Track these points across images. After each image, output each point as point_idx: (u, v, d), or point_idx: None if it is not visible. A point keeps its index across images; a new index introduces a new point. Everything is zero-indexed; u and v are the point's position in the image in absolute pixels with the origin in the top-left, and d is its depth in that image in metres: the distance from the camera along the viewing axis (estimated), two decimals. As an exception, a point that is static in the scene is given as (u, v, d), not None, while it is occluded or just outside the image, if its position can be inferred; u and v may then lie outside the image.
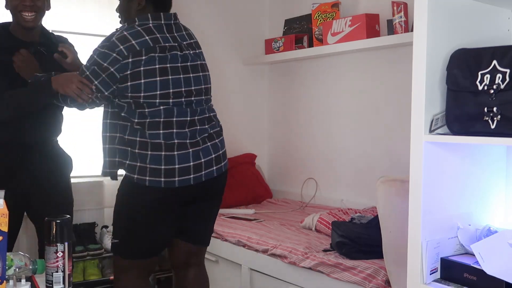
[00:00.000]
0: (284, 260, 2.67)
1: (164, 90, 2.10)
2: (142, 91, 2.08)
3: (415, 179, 1.47)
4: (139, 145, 2.10)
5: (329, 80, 3.72)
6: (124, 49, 2.06)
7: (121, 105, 2.13)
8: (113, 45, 2.07)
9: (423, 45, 1.44)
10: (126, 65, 2.06)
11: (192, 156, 2.13)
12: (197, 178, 2.14)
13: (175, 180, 2.09)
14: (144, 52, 2.07)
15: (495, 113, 1.35)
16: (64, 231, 1.52)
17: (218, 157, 2.23)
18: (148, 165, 2.08)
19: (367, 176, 3.37)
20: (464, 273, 1.44)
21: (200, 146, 2.17)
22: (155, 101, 2.09)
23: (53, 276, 1.52)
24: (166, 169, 2.08)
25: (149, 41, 2.09)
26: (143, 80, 2.07)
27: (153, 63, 2.08)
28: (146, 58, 2.07)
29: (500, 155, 1.66)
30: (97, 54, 2.10)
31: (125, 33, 2.09)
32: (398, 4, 3.02)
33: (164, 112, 2.10)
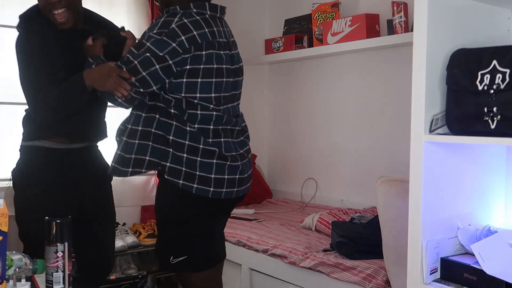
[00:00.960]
0: (284, 260, 2.67)
1: (217, 93, 1.92)
2: (197, 91, 1.88)
3: (415, 179, 1.47)
4: (188, 148, 1.90)
5: (329, 80, 3.72)
6: (186, 41, 1.82)
7: (168, 100, 1.90)
8: (173, 34, 1.82)
9: (423, 45, 1.44)
10: (185, 59, 1.83)
11: (239, 168, 1.99)
12: (238, 192, 2.02)
13: (222, 191, 1.95)
14: (205, 46, 1.86)
15: (495, 113, 1.35)
16: (64, 231, 1.52)
17: (250, 175, 2.10)
18: (197, 172, 1.90)
19: (367, 176, 3.37)
20: (464, 273, 1.44)
21: (245, 159, 2.04)
22: (209, 105, 1.90)
23: (53, 276, 1.52)
24: (216, 179, 1.92)
25: (208, 35, 1.87)
26: (200, 79, 1.87)
27: (211, 62, 1.88)
28: (206, 54, 1.86)
29: (500, 155, 1.66)
30: (151, 42, 1.83)
31: (185, 20, 1.84)
32: (398, 4, 3.02)
33: (216, 118, 1.93)
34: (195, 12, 1.88)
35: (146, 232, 3.41)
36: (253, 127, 4.25)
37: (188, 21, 1.84)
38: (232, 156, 1.96)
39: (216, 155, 1.92)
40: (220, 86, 1.93)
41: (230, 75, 1.98)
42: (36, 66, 2.07)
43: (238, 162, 1.98)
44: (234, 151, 1.98)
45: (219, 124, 1.94)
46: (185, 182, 1.90)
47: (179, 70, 1.85)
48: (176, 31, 1.82)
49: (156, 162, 1.94)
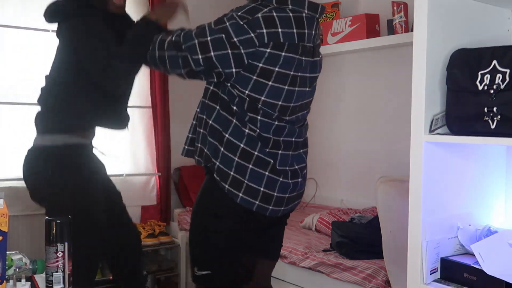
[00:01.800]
0: (284, 260, 2.67)
1: (286, 102, 1.73)
2: (264, 94, 1.69)
3: (415, 179, 1.47)
4: (241, 152, 1.72)
5: (329, 80, 3.72)
6: (267, 35, 1.63)
7: (232, 95, 1.72)
8: (255, 24, 1.63)
9: (423, 45, 1.44)
10: (261, 53, 1.64)
11: (292, 187, 1.81)
12: (284, 211, 1.85)
13: (268, 208, 1.77)
14: (286, 48, 1.66)
15: (495, 113, 1.35)
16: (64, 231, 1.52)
17: (300, 193, 1.91)
18: (246, 181, 1.72)
19: (367, 176, 3.37)
20: (464, 273, 1.44)
21: (299, 177, 1.85)
22: (272, 113, 1.72)
23: (53, 276, 1.51)
24: (264, 193, 1.74)
25: (295, 36, 1.67)
26: (271, 82, 1.69)
27: (289, 67, 1.69)
28: (286, 57, 1.67)
29: (500, 155, 1.66)
30: (231, 23, 1.65)
31: (274, 14, 1.64)
32: (398, 4, 3.02)
33: (276, 128, 1.74)
34: (290, 8, 1.68)
35: (146, 232, 3.41)
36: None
37: (277, 15, 1.65)
38: (285, 171, 1.79)
39: (269, 167, 1.75)
40: (291, 96, 1.74)
41: (305, 84, 1.79)
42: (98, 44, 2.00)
43: (289, 180, 1.80)
44: (288, 166, 1.80)
45: (280, 135, 1.76)
46: (231, 188, 1.73)
47: (250, 64, 1.66)
48: (259, 22, 1.63)
49: (210, 158, 1.76)
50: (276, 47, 1.65)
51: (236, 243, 1.81)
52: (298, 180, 1.84)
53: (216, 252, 1.79)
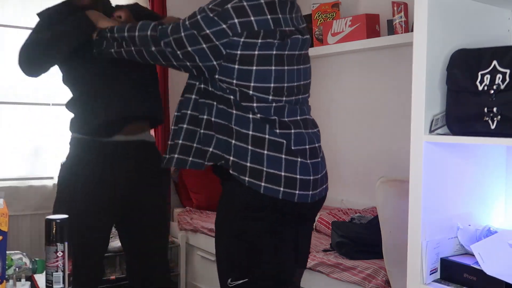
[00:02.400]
0: (284, 260, 2.67)
1: (278, 83, 1.66)
2: (252, 80, 1.63)
3: (415, 179, 1.47)
4: (252, 140, 1.64)
5: (329, 80, 3.72)
6: (239, 25, 1.60)
7: (223, 88, 1.67)
8: (226, 15, 1.60)
9: (423, 45, 1.44)
10: (236, 42, 1.61)
11: (312, 168, 1.71)
12: (314, 196, 1.73)
13: (295, 194, 1.66)
14: (262, 35, 1.62)
15: (495, 113, 1.35)
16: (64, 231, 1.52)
17: (326, 174, 1.83)
18: (265, 168, 1.63)
19: (367, 176, 3.37)
20: (464, 273, 1.44)
21: (318, 157, 1.76)
22: (267, 97, 1.65)
23: (53, 276, 1.51)
24: (286, 177, 1.64)
25: (270, 22, 1.63)
26: (255, 67, 1.63)
27: (270, 48, 1.63)
28: (263, 42, 1.62)
29: (500, 155, 1.66)
30: (201, 17, 1.63)
31: (244, 3, 1.61)
32: (398, 4, 3.02)
33: (275, 109, 1.66)
34: None
35: (146, 232, 3.40)
36: (253, 127, 4.27)
37: (247, 3, 1.61)
38: (303, 151, 1.68)
39: (285, 147, 1.65)
40: (282, 76, 1.67)
41: (293, 62, 1.71)
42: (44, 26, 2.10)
43: (308, 160, 1.69)
44: (307, 144, 1.71)
45: (282, 115, 1.67)
46: (251, 179, 1.62)
47: (229, 53, 1.62)
48: (229, 12, 1.60)
49: (222, 155, 1.67)
50: (250, 36, 1.62)
51: (267, 240, 1.66)
52: (318, 160, 1.76)
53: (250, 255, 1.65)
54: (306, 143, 1.70)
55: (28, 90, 3.29)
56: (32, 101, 3.32)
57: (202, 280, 3.34)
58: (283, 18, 1.67)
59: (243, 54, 1.62)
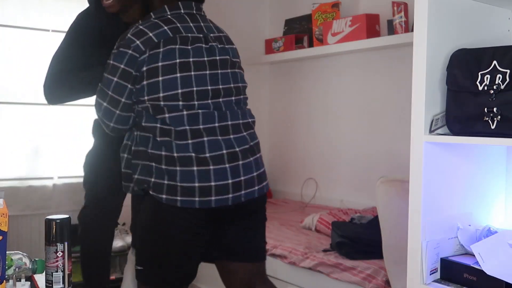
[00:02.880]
0: (284, 260, 2.67)
1: (186, 88, 1.78)
2: (160, 91, 1.77)
3: (415, 179, 1.47)
4: (166, 160, 1.78)
5: (329, 80, 3.72)
6: (141, 44, 1.77)
7: (140, 112, 1.84)
8: (128, 41, 1.79)
9: (423, 45, 1.44)
10: (143, 61, 1.77)
11: (230, 172, 1.81)
12: (236, 198, 1.83)
13: (211, 200, 1.78)
14: (163, 44, 1.78)
15: (495, 113, 1.35)
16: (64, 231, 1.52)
17: (260, 175, 1.93)
18: (178, 183, 1.76)
19: (367, 176, 3.37)
20: (464, 273, 1.44)
21: (239, 160, 1.85)
22: (177, 104, 1.78)
23: (53, 276, 1.51)
24: (200, 187, 1.77)
25: (168, 31, 1.80)
26: (161, 77, 1.77)
27: (173, 57, 1.78)
28: (165, 51, 1.77)
29: (500, 155, 1.66)
30: (112, 58, 1.82)
31: (140, 27, 1.81)
32: (398, 4, 3.02)
33: (188, 118, 1.78)
34: (153, 17, 1.86)
35: (146, 232, 3.40)
36: (253, 127, 4.28)
37: (143, 26, 1.82)
38: (218, 157, 1.80)
39: (195, 160, 1.77)
40: (189, 81, 1.79)
41: (203, 67, 1.84)
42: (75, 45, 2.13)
43: (227, 164, 1.81)
44: (225, 149, 1.81)
45: (196, 123, 1.80)
46: (168, 196, 1.77)
47: (139, 75, 1.79)
48: (130, 39, 1.80)
49: (146, 179, 1.83)
50: (153, 48, 1.77)
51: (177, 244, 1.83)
52: (239, 163, 1.84)
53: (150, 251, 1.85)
54: (223, 149, 1.82)
55: (28, 90, 3.29)
56: (32, 101, 3.32)
57: (202, 280, 3.34)
58: (183, 26, 1.84)
59: (148, 68, 1.78)
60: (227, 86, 1.89)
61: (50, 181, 3.44)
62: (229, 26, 4.16)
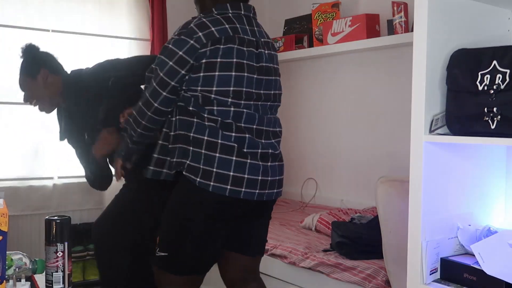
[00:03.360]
0: (284, 260, 2.67)
1: (237, 87, 1.89)
2: (214, 85, 1.87)
3: (415, 179, 1.47)
4: (207, 144, 1.87)
5: (329, 80, 3.72)
6: (203, 36, 1.86)
7: (187, 98, 1.91)
8: (191, 32, 1.87)
9: (423, 45, 1.44)
10: (203, 53, 1.86)
11: (262, 169, 1.91)
12: (260, 195, 1.93)
13: (241, 191, 1.87)
14: (224, 41, 1.88)
15: (495, 113, 1.35)
16: (64, 231, 1.52)
17: (280, 180, 2.02)
18: (215, 169, 1.85)
19: (367, 176, 3.37)
20: (464, 273, 1.44)
21: (269, 162, 1.95)
22: (227, 100, 1.88)
23: (53, 276, 1.52)
24: (234, 177, 1.86)
25: (229, 30, 1.90)
26: (217, 72, 1.87)
27: (231, 56, 1.88)
28: (225, 48, 1.87)
29: (500, 155, 1.66)
30: (172, 42, 1.90)
31: (204, 19, 1.89)
32: (398, 4, 3.02)
33: (234, 114, 1.89)
34: (215, 13, 1.94)
35: (146, 232, 3.40)
36: (253, 127, 4.27)
37: (206, 19, 1.90)
38: (254, 153, 1.90)
39: (236, 150, 1.87)
40: (241, 81, 1.90)
41: (253, 71, 1.94)
42: None
43: (260, 162, 1.91)
44: (260, 149, 1.92)
45: (239, 120, 1.90)
46: (202, 180, 1.86)
47: (197, 65, 1.87)
48: (193, 29, 1.87)
49: (182, 161, 1.90)
50: (214, 43, 1.86)
51: (203, 228, 1.90)
52: (268, 164, 1.94)
53: (176, 235, 1.92)
54: (259, 148, 1.93)
55: (28, 90, 3.28)
56: (32, 101, 3.32)
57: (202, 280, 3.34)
58: (241, 28, 1.94)
59: (208, 62, 1.86)
60: (268, 92, 2.01)
61: (50, 181, 3.44)
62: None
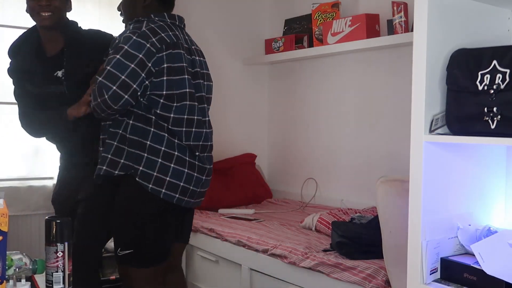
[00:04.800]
0: (284, 260, 2.67)
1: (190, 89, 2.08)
2: (174, 88, 2.03)
3: (415, 179, 1.47)
4: (163, 155, 2.04)
5: (329, 80, 3.72)
6: (157, 41, 1.99)
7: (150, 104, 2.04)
8: (145, 35, 1.98)
9: (423, 45, 1.44)
10: (161, 58, 1.99)
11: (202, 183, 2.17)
12: (197, 203, 2.23)
13: (184, 200, 2.12)
14: (173, 46, 2.03)
15: (495, 113, 1.35)
16: (64, 231, 1.52)
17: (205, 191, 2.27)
18: (168, 178, 2.05)
19: (367, 176, 3.36)
20: (464, 273, 1.44)
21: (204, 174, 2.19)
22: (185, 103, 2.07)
23: (53, 276, 1.52)
24: (183, 187, 2.09)
25: (173, 37, 2.05)
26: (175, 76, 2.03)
27: (181, 60, 2.05)
28: (176, 53, 2.03)
29: (500, 155, 1.66)
30: (128, 45, 1.96)
31: (152, 25, 2.02)
32: (398, 4, 3.02)
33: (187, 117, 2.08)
34: (157, 19, 2.07)
35: (146, 232, 3.41)
36: (253, 127, 4.27)
37: (154, 25, 2.02)
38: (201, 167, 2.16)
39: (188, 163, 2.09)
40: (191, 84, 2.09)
41: (197, 77, 2.15)
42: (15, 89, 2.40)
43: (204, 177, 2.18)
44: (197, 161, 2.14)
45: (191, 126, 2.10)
46: (154, 186, 2.04)
47: (158, 70, 1.98)
48: (147, 33, 1.98)
49: (132, 166, 2.05)
50: (167, 47, 2.01)
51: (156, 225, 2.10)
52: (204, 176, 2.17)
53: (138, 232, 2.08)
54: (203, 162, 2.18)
55: (28, 90, 3.28)
56: (32, 101, 3.32)
57: (202, 280, 3.34)
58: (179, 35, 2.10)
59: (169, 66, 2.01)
60: (209, 96, 2.25)
61: (50, 181, 3.43)
62: (229, 26, 4.18)
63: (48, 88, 2.30)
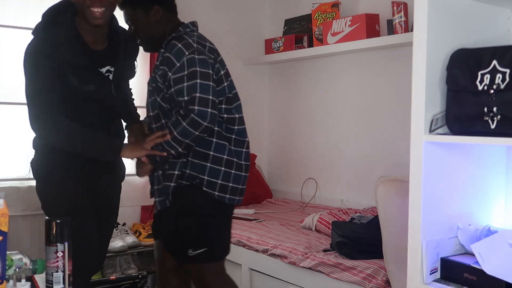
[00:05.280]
0: (284, 260, 2.67)
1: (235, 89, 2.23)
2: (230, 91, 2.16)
3: (415, 179, 1.47)
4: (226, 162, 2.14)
5: (329, 80, 3.72)
6: (209, 52, 2.08)
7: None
8: (201, 51, 2.04)
9: (423, 45, 1.44)
10: (218, 67, 2.11)
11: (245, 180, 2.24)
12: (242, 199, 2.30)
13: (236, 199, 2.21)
14: (216, 52, 2.15)
15: (495, 113, 1.35)
16: (64, 231, 1.52)
17: None
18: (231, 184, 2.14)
19: (367, 176, 3.37)
20: (464, 273, 1.44)
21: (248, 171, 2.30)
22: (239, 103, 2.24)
23: (53, 276, 1.51)
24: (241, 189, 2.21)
25: (211, 44, 2.15)
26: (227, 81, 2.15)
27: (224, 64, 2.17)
28: (220, 59, 2.15)
29: (500, 155, 1.66)
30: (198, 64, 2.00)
31: (195, 39, 2.07)
32: (398, 4, 3.02)
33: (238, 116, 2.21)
34: (188, 30, 2.13)
35: (146, 232, 3.41)
36: (253, 127, 4.27)
37: (197, 39, 2.08)
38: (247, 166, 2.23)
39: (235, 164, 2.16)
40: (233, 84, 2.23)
41: None
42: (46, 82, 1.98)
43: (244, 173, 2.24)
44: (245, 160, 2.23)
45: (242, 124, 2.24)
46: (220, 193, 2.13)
47: (217, 79, 2.08)
48: (200, 48, 2.04)
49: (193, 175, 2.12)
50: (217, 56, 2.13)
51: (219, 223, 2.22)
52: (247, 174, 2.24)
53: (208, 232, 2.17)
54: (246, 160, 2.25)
55: (28, 90, 3.28)
56: (32, 101, 3.31)
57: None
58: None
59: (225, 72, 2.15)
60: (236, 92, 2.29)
61: (50, 181, 3.43)
62: (229, 26, 4.18)
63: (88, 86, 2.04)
